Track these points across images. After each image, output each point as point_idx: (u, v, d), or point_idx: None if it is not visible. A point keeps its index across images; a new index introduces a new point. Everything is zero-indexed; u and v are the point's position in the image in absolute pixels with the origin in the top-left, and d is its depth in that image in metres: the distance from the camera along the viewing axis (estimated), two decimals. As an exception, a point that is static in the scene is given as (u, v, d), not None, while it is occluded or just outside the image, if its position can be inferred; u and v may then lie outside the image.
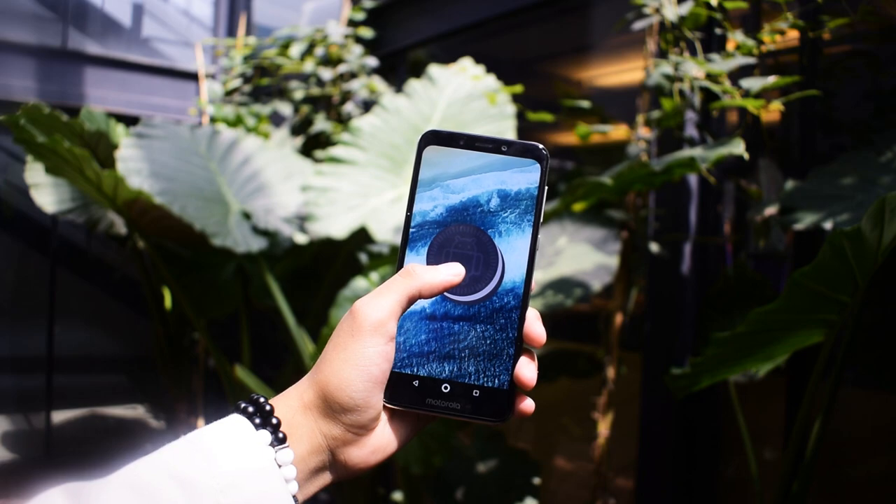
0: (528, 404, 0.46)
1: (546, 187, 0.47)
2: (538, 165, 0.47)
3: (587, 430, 1.74)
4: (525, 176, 0.47)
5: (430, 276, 0.45)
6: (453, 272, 0.46)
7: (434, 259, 0.47)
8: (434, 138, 0.49)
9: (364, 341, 0.43)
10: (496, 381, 0.46)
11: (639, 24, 1.48)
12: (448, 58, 2.28)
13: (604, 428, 1.67)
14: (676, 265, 1.67)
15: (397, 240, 1.78)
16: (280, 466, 0.41)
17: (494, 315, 0.46)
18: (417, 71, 2.68)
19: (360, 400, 0.43)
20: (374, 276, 1.87)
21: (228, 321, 2.90)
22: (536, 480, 1.91)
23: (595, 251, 1.81)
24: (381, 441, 0.45)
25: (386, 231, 1.87)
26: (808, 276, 0.93)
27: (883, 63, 1.47)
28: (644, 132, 1.63)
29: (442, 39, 2.60)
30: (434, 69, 2.12)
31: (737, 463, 1.70)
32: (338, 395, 0.43)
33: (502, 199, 0.47)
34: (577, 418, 2.29)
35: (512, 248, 0.47)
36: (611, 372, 1.68)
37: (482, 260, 0.47)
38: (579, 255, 1.82)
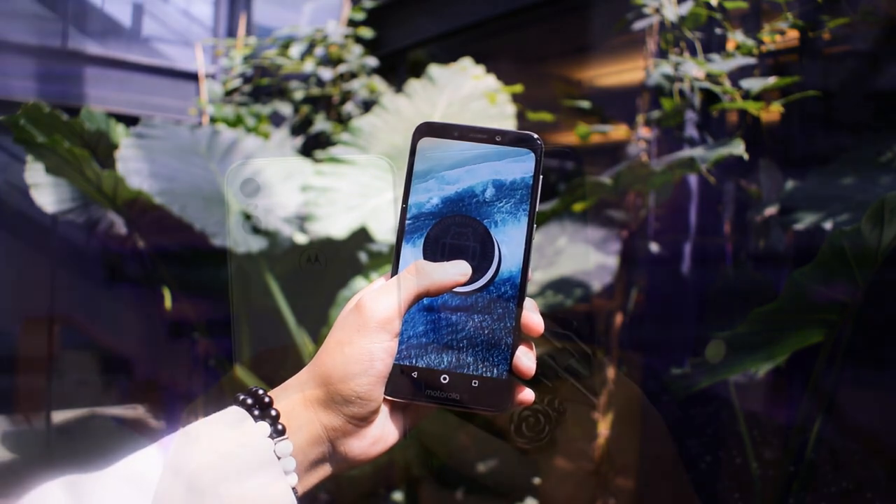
0: (527, 394, 0.46)
1: (541, 176, 0.47)
2: (532, 155, 0.47)
3: (587, 430, 1.74)
4: (520, 165, 0.47)
5: (438, 275, 0.45)
6: (461, 271, 0.46)
7: (430, 251, 0.47)
8: (428, 130, 0.48)
9: (371, 337, 0.43)
10: (495, 370, 0.45)
11: (639, 24, 1.48)
12: (448, 58, 2.28)
13: (604, 428, 1.66)
14: (676, 265, 1.67)
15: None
16: (279, 458, 0.41)
17: (492, 305, 0.46)
18: (417, 71, 2.67)
19: (364, 393, 0.43)
20: (375, 275, 1.87)
21: (228, 321, 2.89)
22: (536, 480, 1.91)
23: (595, 251, 1.81)
24: (382, 432, 0.45)
25: (386, 231, 1.87)
26: (808, 276, 0.93)
27: (883, 63, 1.47)
28: (644, 132, 1.63)
29: (442, 39, 2.60)
30: (434, 69, 2.12)
31: (737, 463, 1.69)
32: (341, 388, 0.43)
33: (497, 189, 0.47)
34: (577, 418, 2.28)
35: (508, 238, 0.47)
36: (611, 372, 1.68)
37: (478, 250, 0.47)
38: (579, 255, 1.82)
